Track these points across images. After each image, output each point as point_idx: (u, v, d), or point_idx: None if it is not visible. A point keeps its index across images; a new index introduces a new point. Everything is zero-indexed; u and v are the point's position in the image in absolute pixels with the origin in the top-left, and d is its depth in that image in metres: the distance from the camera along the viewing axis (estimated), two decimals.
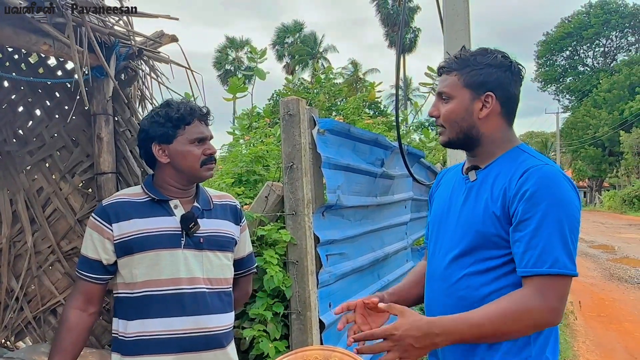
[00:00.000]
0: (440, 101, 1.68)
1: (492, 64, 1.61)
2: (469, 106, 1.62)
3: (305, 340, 2.95)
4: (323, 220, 3.22)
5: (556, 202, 1.46)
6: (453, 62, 1.66)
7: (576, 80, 49.39)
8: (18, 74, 2.89)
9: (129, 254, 1.82)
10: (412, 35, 45.87)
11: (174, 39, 2.73)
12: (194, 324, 1.83)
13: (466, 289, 1.58)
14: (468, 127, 1.63)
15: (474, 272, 1.57)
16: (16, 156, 2.96)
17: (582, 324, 6.91)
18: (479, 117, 1.62)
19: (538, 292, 1.45)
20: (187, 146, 1.86)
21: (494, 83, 1.61)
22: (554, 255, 1.44)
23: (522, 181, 1.51)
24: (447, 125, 1.66)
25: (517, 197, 1.50)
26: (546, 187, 1.48)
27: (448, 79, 1.66)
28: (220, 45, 49.59)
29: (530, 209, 1.47)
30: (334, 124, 3.36)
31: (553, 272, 1.43)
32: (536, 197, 1.47)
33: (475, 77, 1.61)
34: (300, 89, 8.68)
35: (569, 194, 1.49)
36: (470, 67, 1.62)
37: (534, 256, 1.45)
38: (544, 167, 1.53)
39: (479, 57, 1.63)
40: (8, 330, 3.05)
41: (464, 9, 4.41)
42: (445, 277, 1.65)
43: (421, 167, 6.01)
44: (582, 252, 14.02)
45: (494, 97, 1.61)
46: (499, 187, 1.56)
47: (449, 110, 1.65)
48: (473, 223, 1.59)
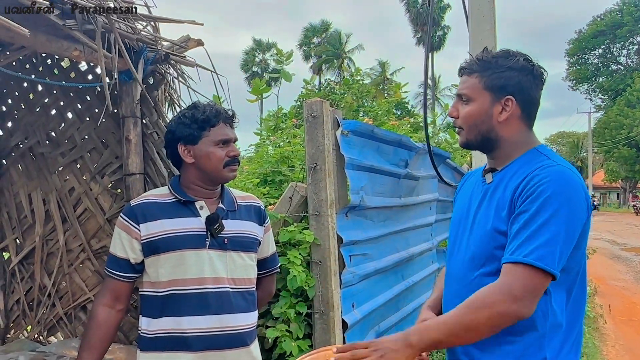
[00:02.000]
0: (460, 102, 1.68)
1: (513, 67, 1.60)
2: (489, 109, 1.61)
3: (328, 340, 2.97)
4: (346, 220, 3.25)
5: (556, 200, 1.44)
6: (474, 64, 1.65)
7: (609, 78, 48.28)
8: (51, 78, 3.00)
9: (155, 254, 1.87)
10: (441, 33, 45.56)
11: (199, 43, 2.79)
12: (218, 323, 1.87)
13: (477, 289, 1.59)
14: (487, 130, 1.63)
15: (486, 273, 1.57)
16: (49, 157, 3.06)
17: (612, 328, 6.78)
18: (498, 121, 1.61)
19: (503, 280, 1.43)
20: (212, 147, 1.90)
21: (514, 87, 1.60)
22: (533, 246, 1.41)
23: (528, 179, 1.50)
24: (466, 127, 1.66)
25: (522, 195, 1.49)
26: (549, 183, 1.46)
27: (469, 81, 1.65)
28: (248, 48, 50.02)
29: (528, 203, 1.46)
30: (358, 125, 3.38)
31: (524, 261, 1.41)
32: (537, 192, 1.46)
33: (496, 80, 1.60)
34: (326, 90, 8.71)
35: (574, 194, 1.47)
36: (491, 69, 1.61)
37: (515, 245, 1.45)
38: (555, 166, 1.51)
39: (500, 60, 1.62)
40: (41, 325, 3.16)
41: (490, 9, 4.38)
42: (460, 279, 1.66)
43: (447, 168, 5.97)
44: (614, 255, 13.74)
45: (514, 101, 1.60)
46: (511, 189, 1.55)
47: (468, 113, 1.64)
48: (485, 225, 1.59)
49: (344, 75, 8.95)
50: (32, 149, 3.12)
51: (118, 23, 2.27)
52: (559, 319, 1.52)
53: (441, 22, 44.59)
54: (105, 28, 2.13)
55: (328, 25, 48.60)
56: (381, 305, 3.63)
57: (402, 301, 4.13)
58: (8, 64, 2.94)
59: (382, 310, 3.66)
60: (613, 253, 14.15)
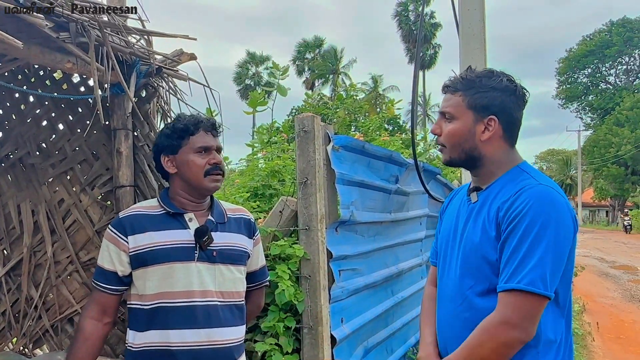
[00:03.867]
0: (443, 120, 1.69)
1: (497, 87, 1.62)
2: (472, 128, 1.64)
3: (317, 355, 2.96)
4: (336, 235, 3.25)
5: (541, 221, 1.46)
6: (458, 82, 1.67)
7: (598, 97, 48.79)
8: (43, 89, 3.00)
9: (143, 266, 1.87)
10: (432, 51, 45.95)
11: (192, 57, 2.81)
12: (205, 337, 1.86)
13: (469, 310, 1.60)
14: (470, 149, 1.65)
15: (476, 294, 1.59)
16: (39, 169, 3.05)
17: (600, 346, 6.79)
18: (481, 140, 1.64)
19: (499, 310, 1.47)
20: (191, 155, 1.91)
21: (497, 107, 1.62)
22: (524, 272, 1.44)
23: (512, 201, 1.52)
24: (449, 145, 1.68)
25: (506, 217, 1.51)
26: (533, 205, 1.48)
27: (452, 99, 1.67)
28: (241, 61, 50.20)
29: (514, 227, 1.48)
30: (349, 140, 3.41)
31: (518, 287, 1.44)
32: (522, 215, 1.48)
33: (480, 99, 1.62)
34: (319, 104, 8.76)
35: (557, 214, 1.49)
36: (474, 88, 1.63)
37: (509, 273, 1.47)
38: (537, 186, 1.53)
39: (484, 79, 1.64)
40: (26, 337, 3.13)
41: (480, 28, 4.44)
42: (451, 299, 1.67)
43: (438, 184, 6.00)
44: (602, 272, 13.80)
45: (496, 121, 1.62)
46: (495, 208, 1.57)
47: (451, 131, 1.66)
48: (472, 245, 1.61)
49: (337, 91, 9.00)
50: (22, 160, 3.11)
51: (111, 36, 2.28)
52: (550, 334, 1.55)
53: (432, 39, 45.03)
54: (99, 41, 2.14)
55: (321, 41, 48.90)
56: (370, 321, 3.63)
57: (391, 317, 4.12)
58: (0, 75, 2.94)
59: (371, 325, 3.66)
60: (602, 270, 14.20)
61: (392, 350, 4.09)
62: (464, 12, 4.48)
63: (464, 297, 1.62)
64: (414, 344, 4.53)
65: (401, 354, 4.24)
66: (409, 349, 4.43)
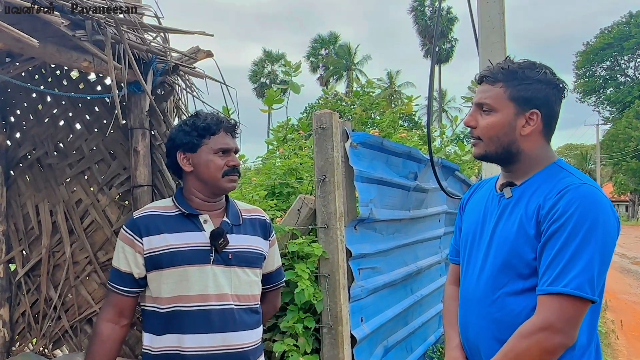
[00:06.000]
0: (479, 112, 1.61)
1: (541, 79, 1.55)
2: (512, 121, 1.56)
3: (337, 355, 2.92)
4: (355, 233, 3.21)
5: (588, 223, 1.40)
6: (499, 72, 1.58)
7: (617, 91, 48.11)
8: (60, 89, 2.99)
9: (158, 269, 1.83)
10: (449, 45, 45.63)
11: (209, 55, 2.78)
12: (222, 341, 1.82)
13: (501, 310, 1.54)
14: (508, 143, 1.57)
15: (509, 293, 1.52)
16: (57, 169, 3.05)
17: (625, 344, 6.67)
18: (521, 134, 1.56)
19: (542, 315, 1.41)
20: (211, 156, 1.87)
21: (541, 100, 1.55)
22: (571, 275, 1.38)
23: (556, 199, 1.46)
24: (486, 138, 1.60)
25: (549, 216, 1.45)
26: (580, 206, 1.42)
27: (492, 90, 1.58)
28: (257, 59, 50.31)
29: (559, 227, 1.42)
30: (367, 137, 3.36)
31: (564, 291, 1.38)
32: (568, 216, 1.42)
33: (523, 91, 1.55)
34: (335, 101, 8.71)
35: (605, 216, 1.43)
36: (518, 80, 1.56)
37: (552, 276, 1.41)
38: (582, 186, 1.47)
39: (527, 71, 1.56)
40: (46, 338, 3.13)
41: (500, 21, 4.35)
42: (479, 299, 1.60)
43: (455, 180, 5.93)
44: (623, 269, 13.59)
45: (539, 115, 1.55)
46: (533, 206, 1.50)
47: (490, 124, 1.58)
48: (507, 242, 1.54)
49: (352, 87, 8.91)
50: (39, 160, 3.10)
51: (128, 34, 2.25)
52: (584, 337, 1.49)
53: (449, 34, 44.72)
54: (115, 39, 2.12)
55: (336, 37, 48.82)
56: (390, 320, 3.58)
57: (411, 315, 4.07)
58: (17, 75, 2.94)
59: (390, 324, 3.61)
60: (623, 267, 13.99)
61: (412, 349, 4.04)
62: (482, 5, 4.38)
63: (495, 297, 1.55)
64: (433, 342, 4.47)
65: (421, 353, 4.19)
66: (429, 347, 4.38)
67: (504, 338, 1.52)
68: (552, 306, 1.40)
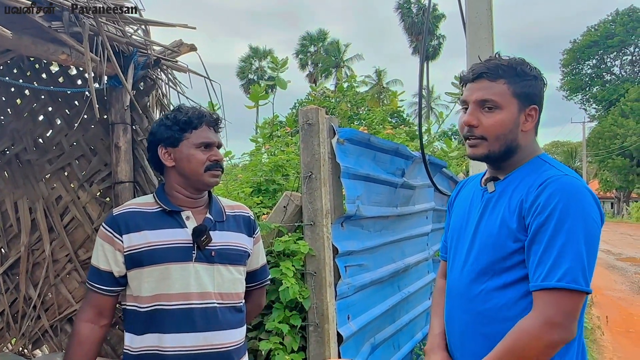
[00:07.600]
0: (480, 110, 1.55)
1: (536, 75, 1.57)
2: (517, 118, 1.54)
3: (323, 353, 2.89)
4: (342, 230, 3.17)
5: (572, 215, 1.39)
6: (499, 69, 1.54)
7: (603, 89, 48.57)
8: (39, 83, 2.91)
9: (138, 267, 1.78)
10: (436, 42, 45.74)
11: (192, 48, 2.72)
12: (204, 341, 1.78)
13: (484, 304, 1.53)
14: (512, 140, 1.55)
15: (492, 288, 1.52)
16: (36, 165, 2.98)
17: (610, 340, 6.71)
18: (522, 130, 1.56)
19: (540, 310, 1.39)
20: (192, 150, 1.82)
21: (538, 96, 1.57)
22: (564, 268, 1.37)
23: (538, 192, 1.44)
24: (492, 138, 1.54)
25: (532, 209, 1.44)
26: (562, 198, 1.41)
27: (495, 87, 1.53)
28: (244, 55, 50.09)
29: (544, 221, 1.41)
30: (354, 133, 3.31)
31: (559, 286, 1.37)
32: (551, 209, 1.40)
33: (525, 88, 1.54)
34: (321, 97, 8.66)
35: (587, 207, 1.42)
36: (519, 76, 1.54)
37: (544, 271, 1.39)
38: (563, 177, 1.46)
39: (524, 67, 1.56)
40: (25, 338, 3.06)
41: (488, 17, 4.33)
42: (463, 293, 1.59)
43: (443, 178, 5.91)
44: (609, 265, 13.70)
45: (537, 110, 1.56)
46: (516, 199, 1.50)
47: (497, 122, 1.53)
48: (490, 237, 1.53)
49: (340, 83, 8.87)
50: (18, 156, 3.02)
51: (107, 26, 2.19)
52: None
53: (436, 31, 44.81)
54: (93, 31, 2.05)
55: (325, 34, 48.72)
56: (377, 317, 3.55)
57: (398, 312, 4.05)
58: None
59: (377, 322, 3.58)
60: (609, 263, 14.11)
61: (399, 346, 4.02)
62: (470, 1, 4.37)
63: (477, 292, 1.54)
64: (421, 340, 4.45)
65: (408, 350, 4.17)
66: (416, 344, 4.36)
67: (488, 331, 1.51)
68: (549, 301, 1.38)
